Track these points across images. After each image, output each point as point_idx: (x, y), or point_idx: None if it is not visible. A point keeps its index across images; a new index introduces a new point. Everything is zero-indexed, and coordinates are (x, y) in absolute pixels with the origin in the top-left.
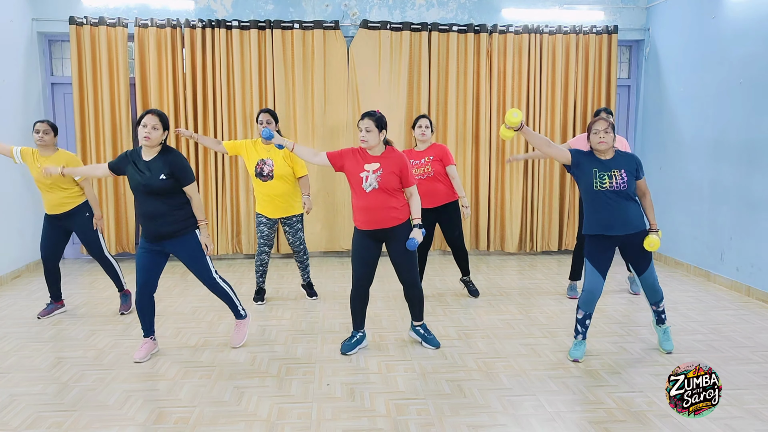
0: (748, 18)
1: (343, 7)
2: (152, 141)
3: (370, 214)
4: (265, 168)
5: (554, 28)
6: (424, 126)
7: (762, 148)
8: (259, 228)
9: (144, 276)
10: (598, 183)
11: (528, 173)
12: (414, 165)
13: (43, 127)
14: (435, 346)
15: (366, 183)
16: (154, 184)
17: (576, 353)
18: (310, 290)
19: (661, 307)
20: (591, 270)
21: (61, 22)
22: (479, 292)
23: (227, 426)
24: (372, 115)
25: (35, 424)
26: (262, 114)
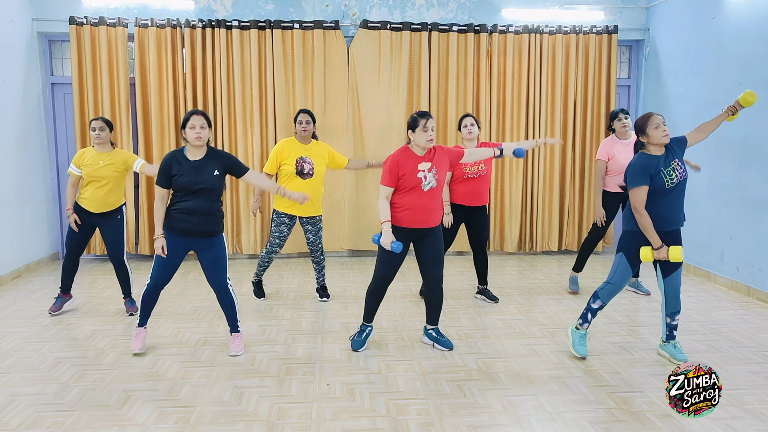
0: (748, 18)
1: (343, 7)
2: (203, 140)
3: (425, 213)
4: (305, 166)
5: (554, 28)
6: (470, 124)
7: (762, 148)
8: (280, 228)
9: (166, 272)
10: (669, 181)
11: (528, 173)
12: (468, 163)
13: (98, 124)
14: (448, 347)
15: (425, 182)
16: (210, 181)
17: (582, 350)
18: (324, 292)
19: (676, 321)
20: (625, 266)
21: (61, 22)
22: (498, 299)
23: (227, 426)
24: (431, 116)
25: (35, 424)
26: (302, 114)
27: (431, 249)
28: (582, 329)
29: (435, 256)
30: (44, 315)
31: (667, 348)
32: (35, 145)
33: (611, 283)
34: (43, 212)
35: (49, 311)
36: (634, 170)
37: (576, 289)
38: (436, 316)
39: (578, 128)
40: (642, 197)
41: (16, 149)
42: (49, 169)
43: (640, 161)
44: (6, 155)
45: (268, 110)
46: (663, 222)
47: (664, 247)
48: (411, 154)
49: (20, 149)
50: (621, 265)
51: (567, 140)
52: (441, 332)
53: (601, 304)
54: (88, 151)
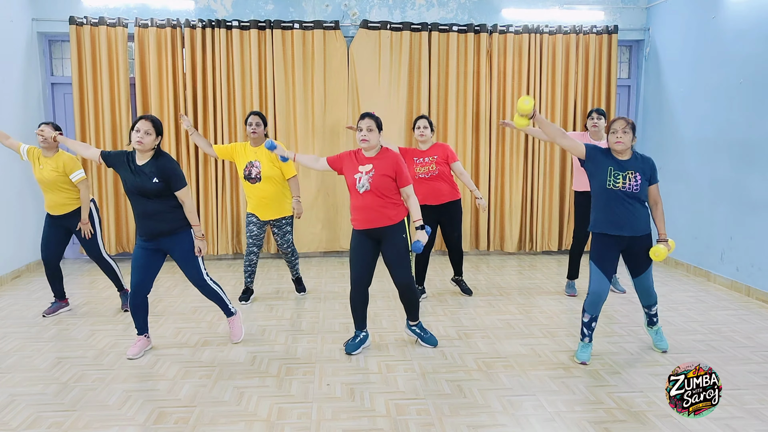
0: (748, 18)
1: (343, 7)
2: (144, 146)
3: (363, 214)
4: (253, 170)
5: (554, 28)
6: (423, 126)
7: (762, 148)
8: (249, 228)
9: (140, 275)
10: (612, 182)
11: (528, 173)
12: (418, 163)
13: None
14: (432, 344)
15: (359, 184)
16: (148, 187)
17: (583, 356)
18: (300, 286)
19: (653, 310)
20: (596, 271)
21: (61, 22)
22: (472, 291)
23: (227, 426)
24: (371, 116)
25: (35, 424)
26: (251, 116)
27: (389, 252)
28: (584, 342)
29: (395, 260)
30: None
31: (651, 332)
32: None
33: (590, 294)
34: (43, 212)
35: (43, 313)
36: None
37: (573, 293)
38: (415, 313)
39: (578, 128)
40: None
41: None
42: None
43: (600, 147)
44: (6, 155)
45: (268, 110)
46: (605, 224)
47: None
48: (359, 153)
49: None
50: (593, 272)
51: None
52: (425, 328)
53: (589, 316)
54: (35, 150)
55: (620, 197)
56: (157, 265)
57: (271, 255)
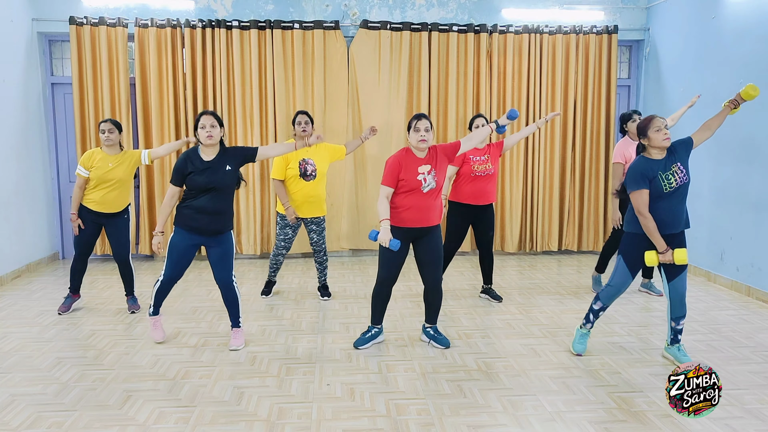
0: (748, 18)
1: (343, 7)
2: (214, 139)
3: (423, 213)
4: (308, 167)
5: (554, 28)
6: (481, 125)
7: (762, 148)
8: (284, 230)
9: (178, 268)
10: (667, 185)
11: (528, 173)
12: (475, 161)
13: (107, 126)
14: (444, 345)
15: (425, 184)
16: (225, 178)
17: (579, 347)
18: (325, 291)
19: (681, 325)
20: (624, 268)
21: (61, 22)
22: (502, 298)
23: (227, 426)
24: (427, 116)
25: (35, 424)
26: (300, 115)
27: (429, 251)
28: (584, 329)
29: (433, 258)
30: (44, 315)
31: (672, 351)
32: (35, 145)
33: (611, 286)
34: (43, 212)
35: (59, 311)
36: (633, 174)
37: (599, 289)
38: (435, 316)
39: (578, 128)
40: (644, 200)
41: (16, 149)
42: (49, 169)
43: (639, 165)
44: (6, 155)
45: (268, 110)
46: (663, 225)
47: (669, 250)
48: (412, 156)
49: (20, 149)
50: (620, 267)
51: (567, 140)
52: (439, 330)
53: (602, 305)
54: (96, 153)
55: (681, 193)
56: (192, 258)
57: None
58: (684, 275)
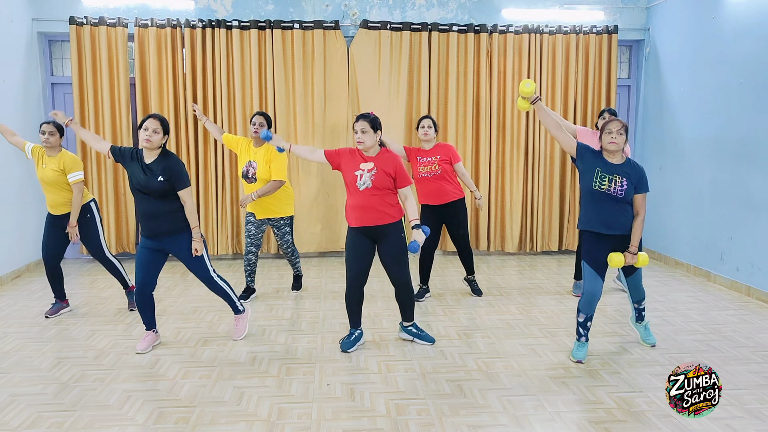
0: (748, 18)
1: (343, 7)
2: (152, 144)
3: (362, 212)
4: (250, 170)
5: (554, 28)
6: (426, 126)
7: (762, 148)
8: (247, 227)
9: (143, 273)
10: (598, 183)
11: (528, 173)
12: (421, 162)
13: (48, 129)
14: (430, 341)
15: (360, 181)
16: (152, 185)
17: (579, 354)
18: (297, 283)
19: (642, 305)
20: (589, 271)
21: (61, 22)
22: (482, 292)
23: (227, 426)
24: (366, 117)
25: (35, 424)
26: (256, 116)
27: (387, 251)
28: (580, 341)
29: (393, 259)
30: (44, 315)
31: (639, 328)
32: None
33: (584, 294)
34: (43, 212)
35: (45, 314)
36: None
37: (580, 293)
38: (410, 313)
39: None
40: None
41: (16, 149)
42: None
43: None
44: (6, 155)
45: (268, 110)
46: (594, 222)
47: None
48: (360, 152)
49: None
50: (586, 272)
51: None
52: (420, 327)
53: (585, 316)
54: (39, 149)
55: (605, 199)
56: (159, 264)
57: (271, 255)
58: (640, 270)
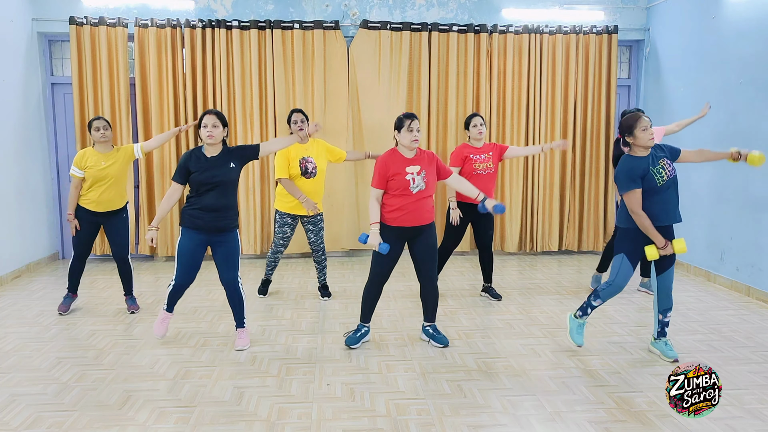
0: (748, 18)
1: (343, 7)
2: (215, 138)
3: (413, 214)
4: (309, 165)
5: (554, 28)
6: (479, 124)
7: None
8: (283, 228)
9: (189, 270)
10: (660, 179)
11: (528, 173)
12: (476, 160)
13: (101, 123)
14: (443, 343)
15: (414, 185)
16: (229, 174)
17: (579, 339)
18: (325, 291)
19: (668, 318)
20: (627, 265)
21: (61, 22)
22: (501, 297)
23: (227, 426)
24: (416, 117)
25: (35, 424)
26: (295, 113)
27: (424, 248)
28: (582, 319)
29: (428, 255)
30: (44, 315)
31: (659, 345)
32: (35, 145)
33: (612, 285)
34: (43, 212)
35: (59, 311)
36: (623, 176)
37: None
38: (433, 313)
39: (578, 128)
40: (637, 199)
41: (16, 149)
42: (49, 169)
43: (626, 165)
44: (6, 155)
45: (268, 110)
46: (657, 218)
47: (668, 243)
48: (399, 156)
49: (20, 149)
50: (623, 266)
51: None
52: (438, 329)
53: (600, 302)
54: (89, 152)
55: (673, 187)
56: (201, 260)
57: None
58: (672, 269)
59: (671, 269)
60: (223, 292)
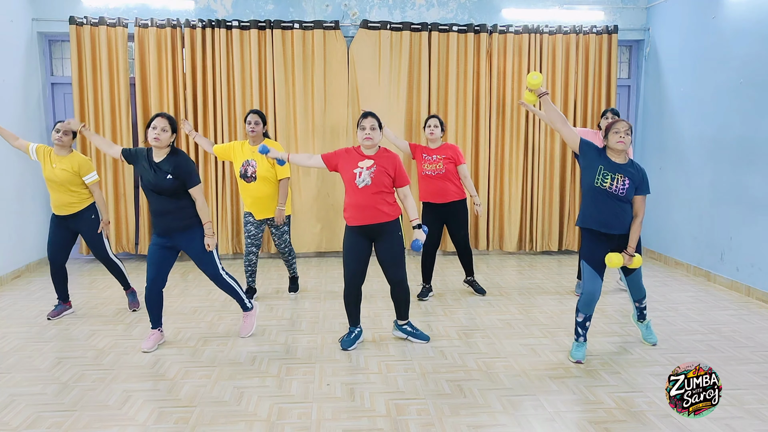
0: (748, 18)
1: (343, 7)
2: (161, 142)
3: (361, 210)
4: (248, 169)
5: (554, 28)
6: (433, 125)
7: (762, 148)
8: (246, 228)
9: (154, 271)
10: (600, 181)
11: (527, 173)
12: (426, 160)
13: (63, 127)
14: (424, 339)
15: (359, 179)
16: (162, 184)
17: (578, 354)
18: (293, 285)
19: (643, 304)
20: (588, 270)
21: (61, 22)
22: (485, 291)
23: (227, 426)
24: (374, 115)
25: (35, 424)
26: (251, 115)
27: (384, 249)
28: (579, 341)
29: (390, 257)
30: (44, 315)
31: (641, 327)
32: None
33: (584, 293)
34: (43, 212)
35: (48, 316)
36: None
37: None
38: (405, 312)
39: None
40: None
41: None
42: None
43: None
44: (6, 155)
45: (268, 110)
46: (593, 221)
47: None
48: (357, 151)
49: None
50: (586, 271)
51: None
52: (414, 326)
53: (583, 316)
54: (46, 148)
55: (607, 197)
56: (170, 261)
57: (271, 255)
58: (639, 269)
59: (638, 270)
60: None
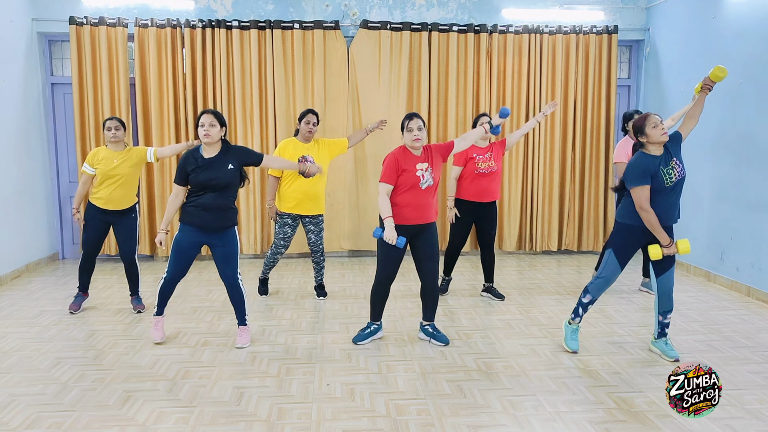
0: (748, 18)
1: (343, 7)
2: (212, 138)
3: (422, 210)
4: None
5: (554, 28)
6: (486, 123)
7: (762, 148)
8: (284, 229)
9: (181, 265)
10: (668, 180)
11: (528, 172)
12: (479, 159)
13: (114, 124)
14: (444, 342)
15: (423, 181)
16: (224, 175)
17: (573, 344)
18: (321, 291)
19: (668, 319)
20: (613, 261)
21: (61, 22)
22: (504, 296)
23: (227, 426)
24: (418, 115)
25: (35, 424)
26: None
27: (427, 245)
28: (574, 323)
29: (431, 252)
30: (44, 315)
31: (659, 345)
32: (35, 145)
33: (600, 278)
34: (43, 212)
35: (70, 310)
36: (635, 170)
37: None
38: (432, 312)
39: (578, 128)
40: (646, 195)
41: (16, 149)
42: (49, 169)
43: (640, 161)
44: (6, 155)
45: (268, 110)
46: (659, 218)
47: (672, 242)
48: (409, 154)
49: (20, 149)
50: (609, 260)
51: (567, 140)
52: (437, 328)
53: (591, 298)
54: (101, 150)
55: (678, 188)
56: (195, 256)
57: None
58: (672, 270)
59: (671, 271)
60: (223, 293)
